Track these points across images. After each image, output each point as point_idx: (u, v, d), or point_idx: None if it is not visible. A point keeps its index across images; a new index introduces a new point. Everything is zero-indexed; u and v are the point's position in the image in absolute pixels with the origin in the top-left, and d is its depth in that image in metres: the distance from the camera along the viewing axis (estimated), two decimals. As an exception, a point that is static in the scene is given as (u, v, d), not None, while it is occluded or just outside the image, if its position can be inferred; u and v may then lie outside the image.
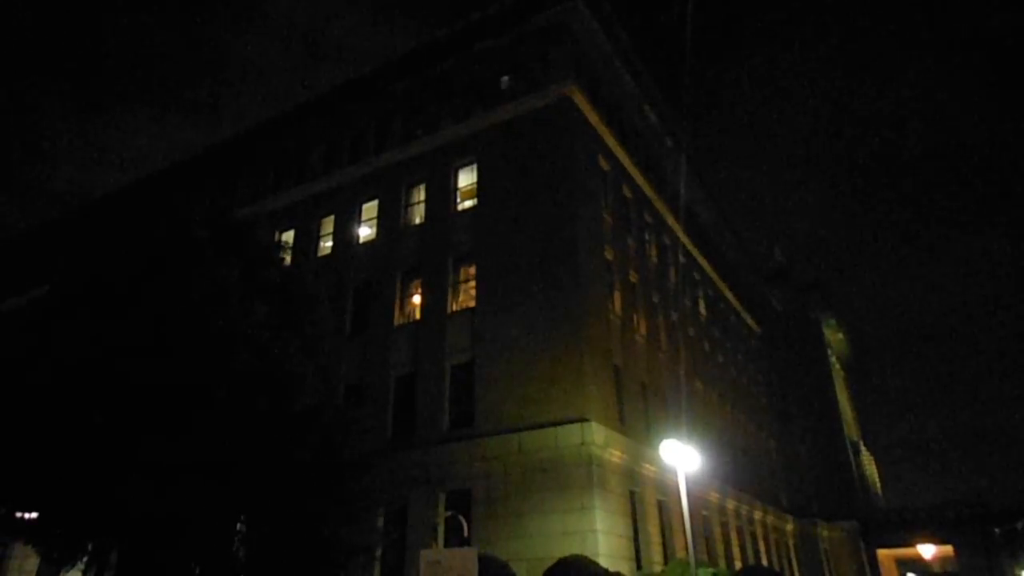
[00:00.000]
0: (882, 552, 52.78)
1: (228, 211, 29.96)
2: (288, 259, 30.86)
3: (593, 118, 26.92)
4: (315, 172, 32.05)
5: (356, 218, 29.83)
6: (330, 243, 30.47)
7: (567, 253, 23.28)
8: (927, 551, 50.65)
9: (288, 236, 31.52)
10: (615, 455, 21.45)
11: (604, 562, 18.66)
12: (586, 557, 13.93)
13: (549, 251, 23.64)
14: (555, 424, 20.99)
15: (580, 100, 25.83)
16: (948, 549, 50.87)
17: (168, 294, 16.56)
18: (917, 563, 62.69)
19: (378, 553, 22.78)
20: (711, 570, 16.69)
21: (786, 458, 47.57)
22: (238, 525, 17.33)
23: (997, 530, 48.78)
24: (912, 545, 50.85)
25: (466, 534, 10.01)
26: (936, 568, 68.85)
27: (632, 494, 22.44)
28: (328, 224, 30.85)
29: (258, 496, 16.11)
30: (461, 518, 10.62)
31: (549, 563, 16.68)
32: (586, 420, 20.58)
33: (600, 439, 20.64)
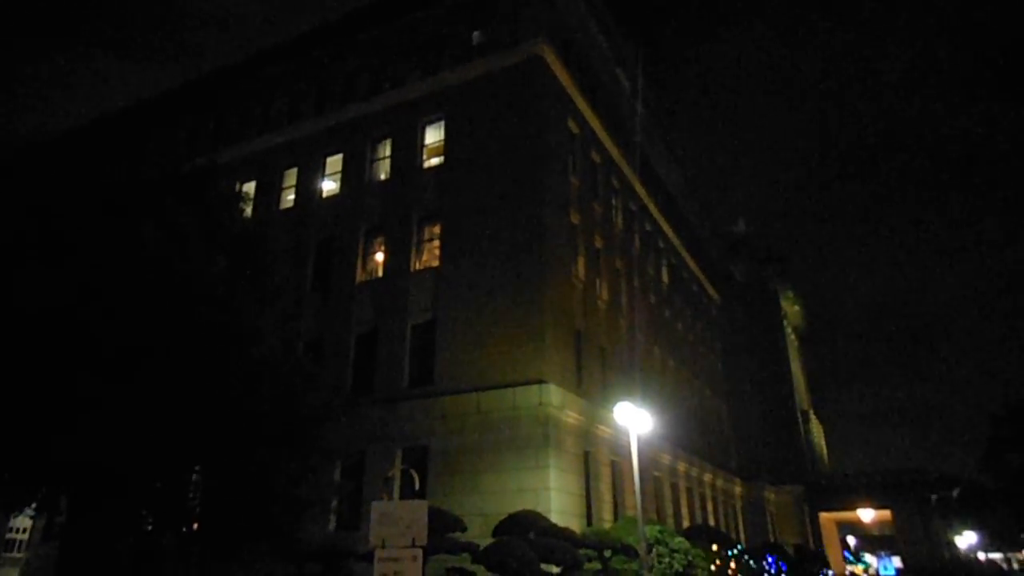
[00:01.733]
0: (824, 515, 55.08)
1: (188, 159, 29.23)
2: (249, 211, 30.39)
3: (564, 79, 26.68)
4: (279, 122, 31.24)
5: (320, 171, 29.28)
6: (292, 196, 29.90)
7: (533, 215, 23.26)
8: (866, 515, 53.08)
9: (249, 187, 30.86)
10: (571, 416, 21.83)
11: (556, 518, 19.15)
12: (537, 513, 14.27)
13: (515, 212, 23.58)
14: (514, 385, 21.21)
15: (551, 60, 25.53)
16: (886, 513, 53.35)
17: (123, 241, 16.21)
18: (856, 526, 65.65)
19: (333, 505, 23.06)
20: (658, 527, 17.26)
21: (738, 424, 48.94)
22: (192, 476, 17.30)
23: (933, 497, 51.23)
24: (852, 509, 53.21)
25: (417, 487, 10.20)
26: (875, 531, 72.24)
27: (586, 454, 22.93)
28: (291, 176, 30.23)
29: (213, 447, 16.08)
30: (413, 472, 10.79)
31: (502, 518, 17.08)
32: (544, 382, 20.84)
33: (557, 400, 20.96)
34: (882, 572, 68.30)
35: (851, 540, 78.04)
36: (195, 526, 17.24)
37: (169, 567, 17.01)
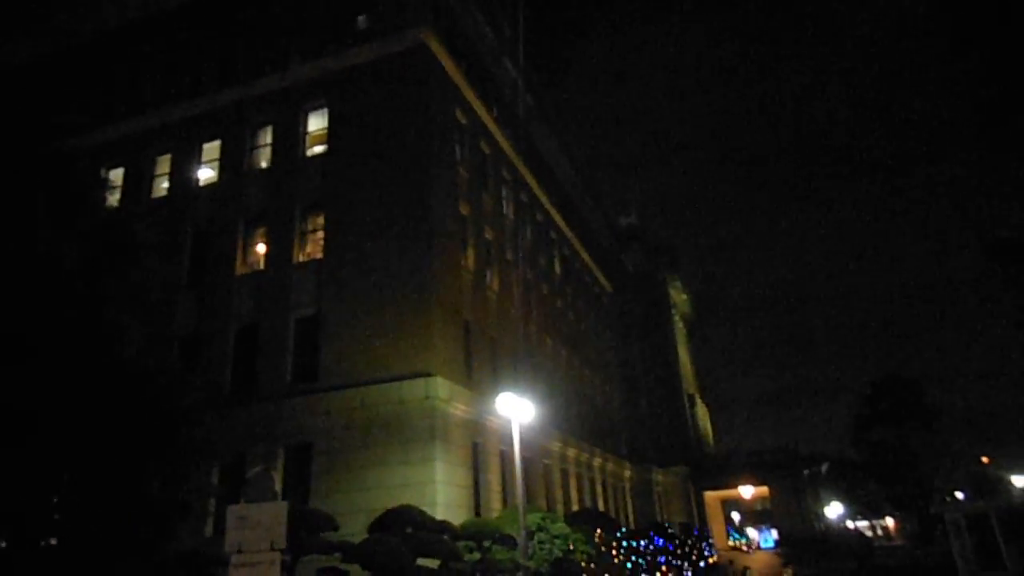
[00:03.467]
0: (709, 494, 58.02)
1: (43, 142, 26.96)
2: (115, 199, 28.45)
3: (450, 68, 26.46)
4: (149, 104, 29.21)
5: (195, 158, 27.68)
6: (166, 184, 28.16)
7: (419, 206, 22.97)
8: (746, 491, 56.29)
9: (118, 175, 28.86)
10: (459, 408, 21.77)
11: (441, 511, 19.08)
12: (414, 507, 14.14)
13: (401, 203, 23.21)
14: (400, 379, 20.92)
15: (437, 48, 25.25)
16: (764, 489, 56.83)
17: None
18: (739, 502, 69.48)
19: (212, 510, 22.00)
20: (540, 514, 17.52)
21: (629, 410, 50.61)
22: (52, 487, 16.04)
23: (805, 472, 54.99)
24: (734, 487, 56.28)
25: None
26: (756, 507, 76.75)
27: (475, 445, 22.96)
28: (164, 163, 28.43)
29: (74, 454, 14.99)
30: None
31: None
32: (431, 375, 20.67)
33: (444, 393, 20.84)
34: (763, 544, 72.70)
35: (736, 516, 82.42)
36: (53, 541, 15.97)
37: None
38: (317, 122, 26.24)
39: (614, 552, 19.72)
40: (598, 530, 19.97)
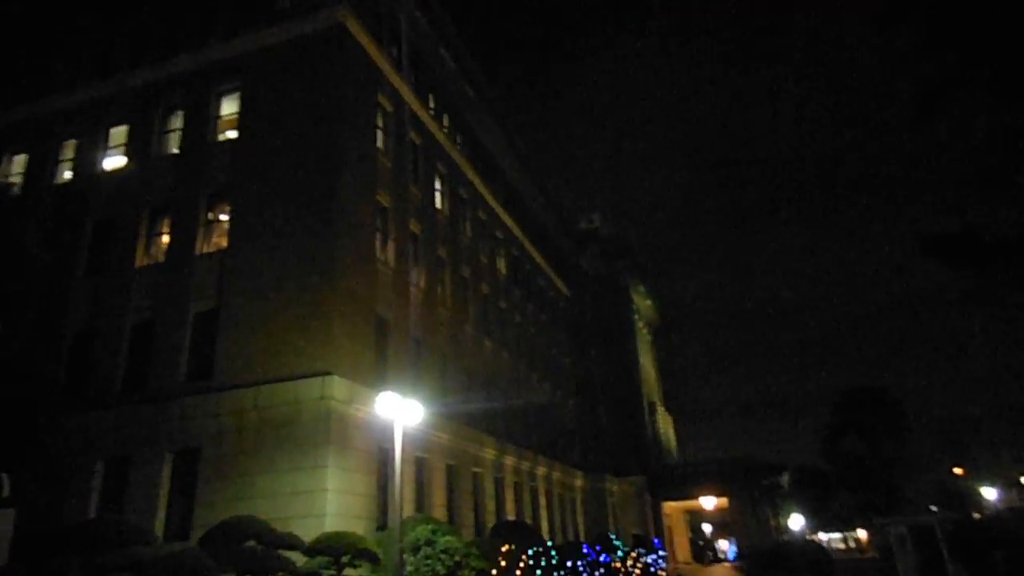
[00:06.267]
0: (670, 504, 56.52)
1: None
2: (15, 186, 26.70)
3: (373, 52, 25.04)
4: (56, 86, 27.52)
5: (102, 144, 26.01)
6: (70, 172, 26.47)
7: (326, 195, 21.49)
8: (708, 502, 54.97)
9: (21, 160, 27.16)
10: (362, 410, 20.18)
11: (332, 521, 17.56)
12: (252, 517, 12.59)
13: (308, 191, 21.73)
14: (296, 378, 19.41)
15: (356, 30, 23.82)
16: (725, 501, 55.48)
17: None
18: (702, 514, 68.17)
19: (92, 515, 20.31)
20: (431, 526, 16.01)
21: (584, 417, 49.14)
22: None
23: (765, 483, 53.79)
24: (695, 497, 54.94)
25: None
26: (727, 518, 75.55)
27: (384, 452, 21.37)
28: (69, 149, 26.76)
29: None
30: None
31: (276, 524, 15.26)
32: (328, 374, 19.16)
33: (342, 394, 19.32)
34: (730, 556, 71.47)
35: (708, 528, 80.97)
36: None
37: None
38: (230, 106, 24.71)
39: (520, 568, 18.22)
40: (506, 546, 18.45)
